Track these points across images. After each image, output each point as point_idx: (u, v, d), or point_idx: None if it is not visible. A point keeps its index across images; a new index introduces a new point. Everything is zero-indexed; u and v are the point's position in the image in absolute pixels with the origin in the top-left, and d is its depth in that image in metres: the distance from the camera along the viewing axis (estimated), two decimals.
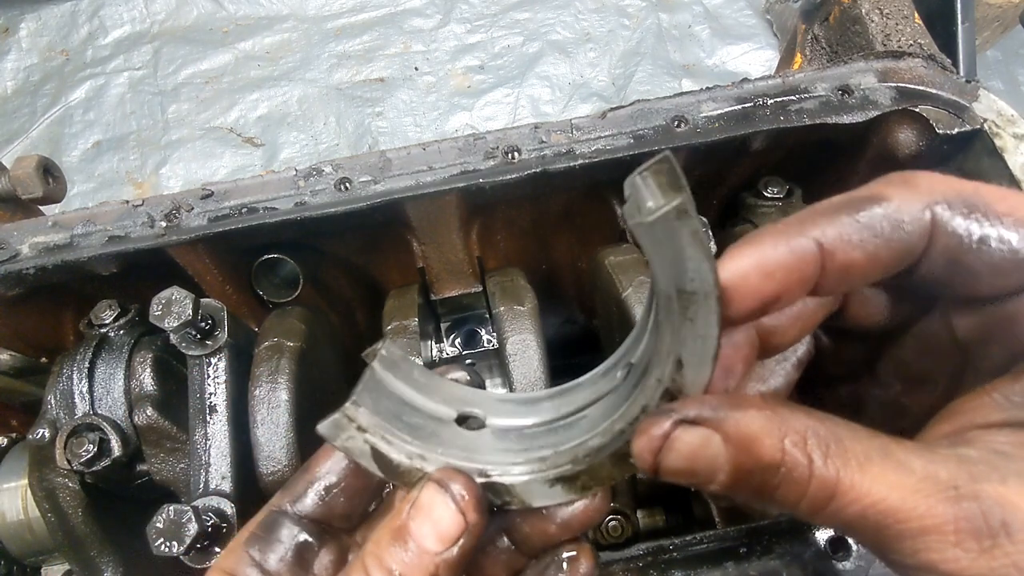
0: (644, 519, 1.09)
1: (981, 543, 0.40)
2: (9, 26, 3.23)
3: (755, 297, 0.45)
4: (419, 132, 2.99)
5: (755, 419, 0.44)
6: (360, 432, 0.54)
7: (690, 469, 0.46)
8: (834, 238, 0.45)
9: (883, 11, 1.26)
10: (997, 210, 0.45)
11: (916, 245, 0.45)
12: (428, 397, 0.59)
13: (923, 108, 1.08)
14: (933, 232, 0.45)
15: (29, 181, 1.26)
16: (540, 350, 1.01)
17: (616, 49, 3.11)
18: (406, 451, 0.54)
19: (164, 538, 0.80)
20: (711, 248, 0.41)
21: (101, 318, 1.08)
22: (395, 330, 1.07)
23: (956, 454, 0.43)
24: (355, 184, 1.07)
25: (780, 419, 0.44)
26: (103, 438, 0.98)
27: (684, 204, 0.38)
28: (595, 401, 0.56)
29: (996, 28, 2.64)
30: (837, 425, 0.44)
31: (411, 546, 0.51)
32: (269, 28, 3.21)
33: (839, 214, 0.45)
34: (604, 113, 1.09)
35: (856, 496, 0.42)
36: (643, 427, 0.47)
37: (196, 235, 1.04)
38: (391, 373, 0.58)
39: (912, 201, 0.45)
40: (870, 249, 0.45)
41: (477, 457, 0.55)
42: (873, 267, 0.46)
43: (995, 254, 0.44)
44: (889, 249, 0.45)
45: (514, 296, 1.08)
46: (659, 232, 0.39)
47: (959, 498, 0.40)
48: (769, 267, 0.45)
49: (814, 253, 0.45)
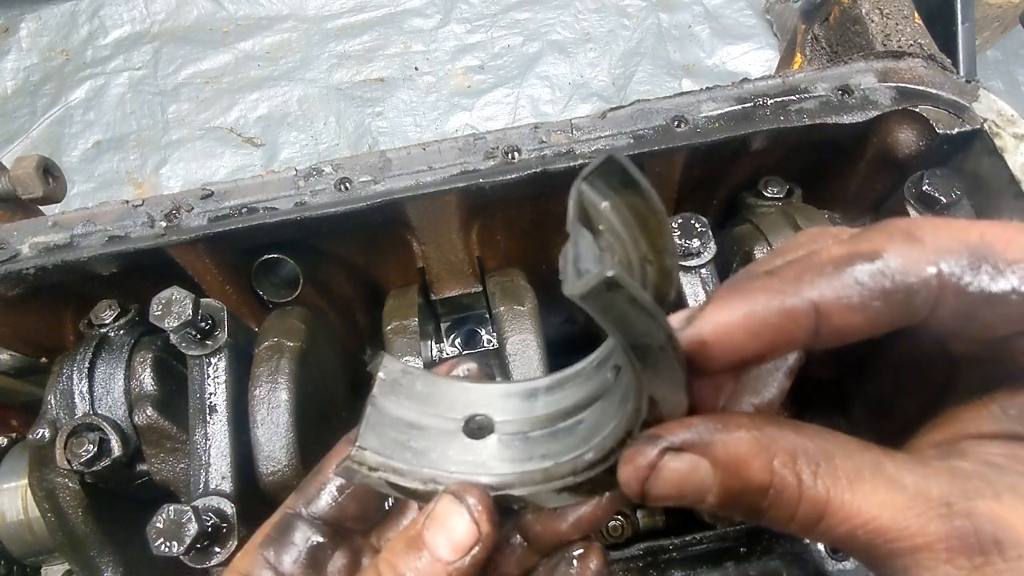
0: (644, 519, 1.09)
1: (973, 560, 0.39)
2: (9, 26, 3.23)
3: (737, 355, 0.43)
4: (419, 132, 2.99)
5: (743, 441, 0.43)
6: (371, 472, 0.55)
7: (678, 495, 0.45)
8: (832, 300, 0.41)
9: (883, 11, 1.26)
10: (1007, 258, 0.41)
11: (921, 308, 0.42)
12: (434, 409, 0.59)
13: (923, 108, 1.08)
14: (940, 293, 0.41)
15: (29, 181, 1.26)
16: (540, 350, 1.01)
17: (616, 49, 3.11)
18: (420, 477, 0.56)
19: (164, 538, 0.80)
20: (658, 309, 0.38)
21: (101, 318, 1.08)
22: (395, 330, 1.07)
23: (949, 467, 0.42)
24: (355, 184, 1.07)
25: (768, 439, 0.43)
26: (103, 438, 0.98)
27: (615, 277, 0.34)
28: (591, 400, 0.56)
29: (996, 28, 2.63)
30: (827, 441, 0.43)
31: (425, 555, 0.52)
32: (269, 28, 3.21)
33: (839, 271, 0.42)
34: (604, 113, 1.09)
35: (846, 515, 0.41)
36: (628, 456, 0.46)
37: (196, 235, 1.04)
38: (392, 396, 0.58)
39: (917, 260, 0.41)
40: (871, 315, 0.42)
41: (486, 471, 0.56)
42: (872, 330, 0.43)
43: (1010, 306, 0.41)
44: (891, 314, 0.42)
45: (514, 296, 1.08)
46: (593, 303, 0.37)
47: (951, 515, 0.40)
48: (757, 326, 0.42)
49: (809, 317, 0.41)
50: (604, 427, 0.51)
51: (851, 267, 0.42)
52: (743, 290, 0.43)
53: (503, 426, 0.59)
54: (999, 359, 0.45)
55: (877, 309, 0.41)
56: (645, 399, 0.44)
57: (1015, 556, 0.39)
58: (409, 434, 0.58)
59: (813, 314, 0.41)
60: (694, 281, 0.96)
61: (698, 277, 0.97)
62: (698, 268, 0.97)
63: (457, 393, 0.61)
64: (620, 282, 0.35)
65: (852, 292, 0.41)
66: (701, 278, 0.97)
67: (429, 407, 0.60)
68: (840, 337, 0.43)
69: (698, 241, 0.96)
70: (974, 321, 0.42)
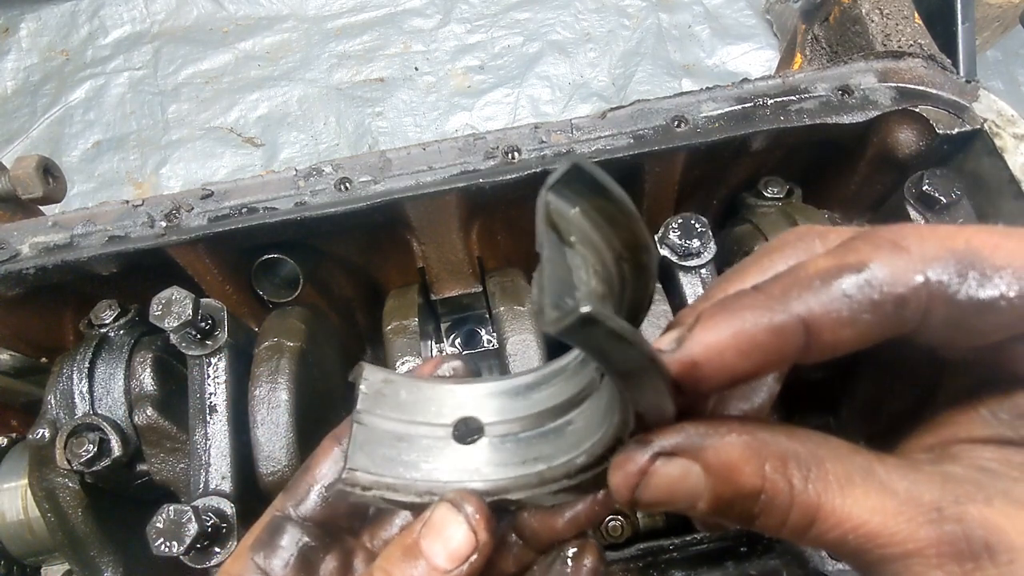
0: (644, 519, 1.09)
1: (963, 566, 0.39)
2: (9, 26, 3.23)
3: (729, 375, 0.42)
4: (419, 132, 2.99)
5: (735, 446, 0.43)
6: (365, 491, 0.55)
7: (669, 500, 0.44)
8: (821, 315, 0.41)
9: (883, 11, 1.26)
10: (994, 264, 0.41)
11: (911, 318, 0.42)
12: (420, 416, 0.59)
13: (923, 108, 1.08)
14: (929, 303, 0.41)
15: (29, 181, 1.26)
16: (540, 350, 1.01)
17: (616, 49, 3.11)
18: (414, 490, 0.56)
19: (164, 538, 0.80)
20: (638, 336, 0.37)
21: (101, 318, 1.08)
22: (395, 330, 1.07)
23: (940, 472, 0.42)
24: (355, 184, 1.07)
25: (760, 444, 0.43)
26: (103, 438, 0.98)
27: (592, 313, 0.33)
28: (578, 398, 0.55)
29: (996, 28, 2.63)
30: (818, 445, 0.43)
31: (421, 563, 0.52)
32: (269, 28, 3.21)
33: (827, 285, 0.41)
34: (604, 113, 1.10)
35: (837, 520, 0.41)
36: (619, 462, 0.45)
37: (196, 235, 1.04)
38: (377, 409, 0.58)
39: (904, 270, 0.41)
40: (861, 327, 0.41)
41: (480, 476, 0.56)
42: (863, 342, 0.42)
43: (999, 312, 0.41)
44: (881, 325, 0.41)
45: (514, 296, 1.08)
46: (570, 337, 0.36)
47: (942, 520, 0.40)
48: (746, 345, 0.41)
49: (799, 334, 0.41)
50: (594, 432, 0.51)
51: (838, 280, 0.41)
52: (731, 308, 0.42)
53: (492, 428, 0.59)
54: (988, 363, 0.45)
55: (867, 321, 0.41)
56: (631, 413, 0.44)
57: (1006, 561, 0.39)
58: (398, 447, 0.57)
59: (802, 330, 0.41)
60: (694, 281, 0.96)
61: (698, 277, 0.97)
62: (698, 268, 0.96)
63: (442, 396, 0.60)
64: (597, 317, 0.34)
65: (841, 306, 0.41)
66: (701, 278, 0.96)
67: (416, 415, 0.59)
68: (831, 351, 0.42)
69: (698, 241, 0.96)
70: (964, 328, 0.42)
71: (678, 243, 0.96)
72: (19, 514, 1.09)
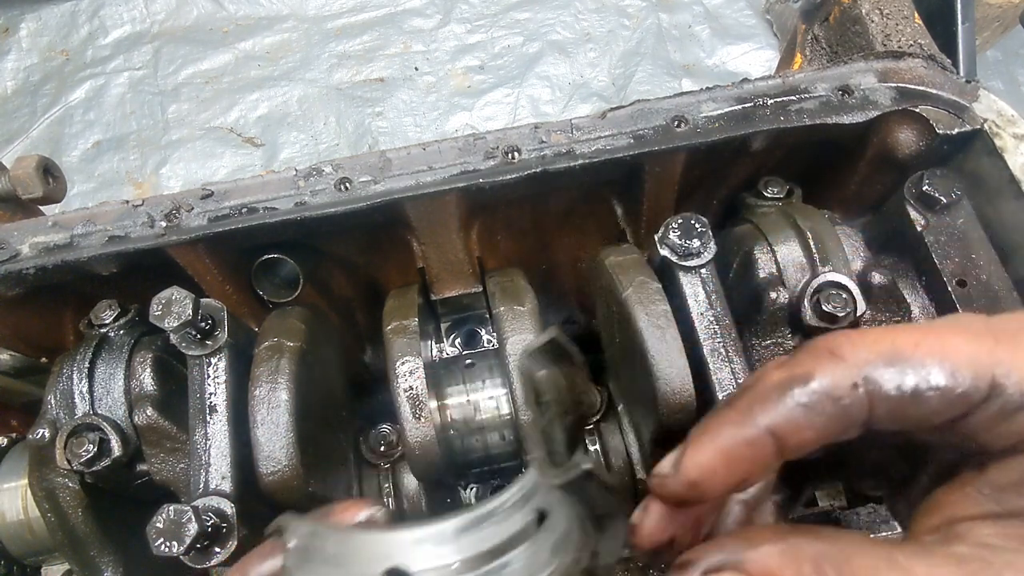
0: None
1: None
2: (9, 26, 3.23)
3: (724, 486, 0.49)
4: (419, 132, 2.99)
5: (772, 555, 0.47)
6: None
7: None
8: (782, 424, 0.48)
9: (883, 11, 1.26)
10: (915, 359, 0.47)
11: (858, 415, 0.48)
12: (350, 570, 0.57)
13: (923, 108, 1.08)
14: (870, 400, 0.48)
15: (29, 181, 1.26)
16: None
17: (616, 49, 3.12)
18: None
19: (164, 538, 0.80)
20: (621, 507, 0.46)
21: (101, 318, 1.08)
22: (395, 330, 1.07)
23: (951, 553, 0.46)
24: (355, 184, 1.07)
25: (794, 550, 0.46)
26: (103, 438, 0.98)
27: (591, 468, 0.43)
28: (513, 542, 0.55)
29: (996, 28, 2.64)
30: (845, 543, 0.47)
31: None
32: (269, 28, 3.21)
33: (782, 397, 0.48)
34: (604, 113, 1.09)
35: None
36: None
37: (196, 235, 1.04)
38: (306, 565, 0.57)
39: (843, 376, 0.48)
40: (819, 428, 0.48)
41: None
42: (825, 440, 0.49)
43: (931, 400, 0.47)
44: (835, 424, 0.48)
45: (514, 296, 1.08)
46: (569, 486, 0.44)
47: None
48: (731, 460, 0.49)
49: (768, 443, 0.48)
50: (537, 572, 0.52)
51: (790, 392, 0.48)
52: (710, 429, 0.50)
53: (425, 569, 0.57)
54: (954, 442, 0.51)
55: (823, 423, 0.48)
56: (588, 553, 0.49)
57: None
58: None
59: (770, 438, 0.48)
60: (694, 281, 0.96)
61: (698, 277, 0.96)
62: (698, 268, 0.96)
63: (370, 547, 0.58)
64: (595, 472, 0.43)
65: (796, 414, 0.48)
66: (701, 278, 0.96)
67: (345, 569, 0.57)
68: (800, 451, 0.49)
69: (698, 241, 0.96)
70: (907, 418, 0.48)
71: (678, 243, 0.96)
72: (19, 514, 1.09)
